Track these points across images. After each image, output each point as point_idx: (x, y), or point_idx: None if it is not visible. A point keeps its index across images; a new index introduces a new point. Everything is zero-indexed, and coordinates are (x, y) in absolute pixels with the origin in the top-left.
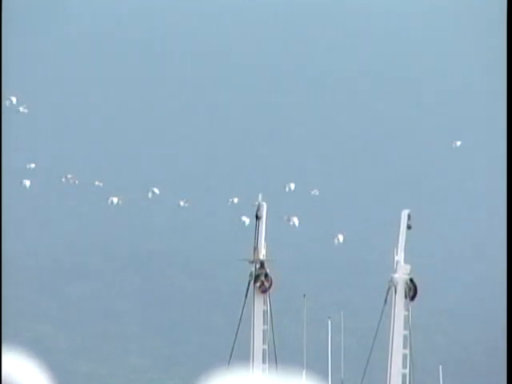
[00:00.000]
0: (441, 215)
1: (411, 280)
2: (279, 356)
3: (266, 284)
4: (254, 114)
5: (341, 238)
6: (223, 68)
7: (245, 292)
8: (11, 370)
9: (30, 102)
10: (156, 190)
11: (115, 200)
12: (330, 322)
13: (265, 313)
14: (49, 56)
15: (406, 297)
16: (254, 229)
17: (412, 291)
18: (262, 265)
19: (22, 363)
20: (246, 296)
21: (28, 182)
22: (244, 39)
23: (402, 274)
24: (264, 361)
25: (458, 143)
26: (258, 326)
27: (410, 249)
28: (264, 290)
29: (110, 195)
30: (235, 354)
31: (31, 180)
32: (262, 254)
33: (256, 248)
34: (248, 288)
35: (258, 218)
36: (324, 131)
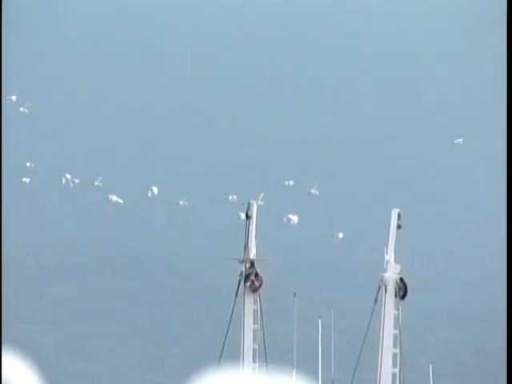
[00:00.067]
0: (440, 215)
1: (401, 279)
2: (269, 355)
3: (257, 283)
4: (254, 113)
5: (340, 235)
6: (223, 68)
7: (235, 291)
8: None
9: (30, 101)
10: (155, 188)
11: (113, 198)
12: (320, 322)
13: (255, 312)
14: (49, 56)
15: (396, 296)
16: (245, 228)
17: (402, 290)
18: (253, 264)
19: (9, 362)
20: (237, 295)
21: (27, 180)
22: (244, 39)
23: (392, 274)
24: (254, 360)
25: (459, 140)
26: (248, 326)
27: (403, 248)
28: (254, 290)
29: (106, 194)
30: (225, 353)
31: (30, 179)
32: (253, 253)
33: (246, 247)
34: (238, 287)
35: (248, 217)
36: (324, 131)
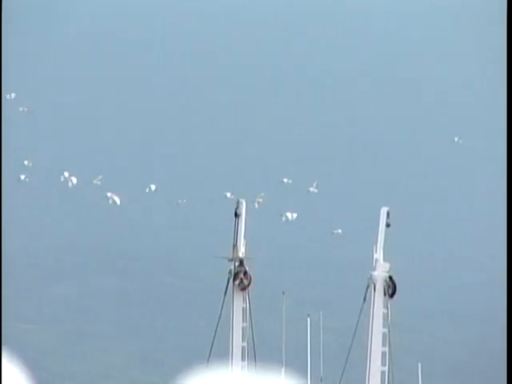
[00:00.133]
0: (440, 214)
1: (390, 278)
2: (258, 353)
3: (245, 281)
4: (254, 113)
5: (339, 231)
6: (223, 68)
7: (224, 290)
8: None
9: (30, 101)
10: (153, 186)
11: (112, 196)
12: (309, 320)
13: (244, 310)
14: (49, 56)
15: (385, 294)
16: (234, 226)
17: (391, 289)
18: (241, 262)
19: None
20: (226, 294)
21: (26, 178)
22: (244, 39)
23: (381, 272)
24: (243, 358)
25: (459, 138)
26: (237, 324)
27: (403, 247)
28: (243, 288)
29: (105, 193)
30: (214, 351)
31: (29, 177)
32: (241, 251)
33: (235, 246)
34: (227, 285)
35: (237, 215)
36: (323, 130)
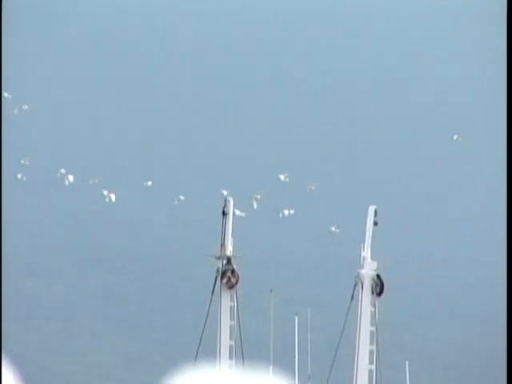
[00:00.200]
0: (439, 213)
1: (378, 276)
2: (246, 352)
3: (233, 280)
4: (253, 113)
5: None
6: (223, 68)
7: (212, 288)
8: None
9: (29, 101)
10: (149, 183)
11: (106, 193)
12: (296, 318)
13: (231, 309)
14: (49, 56)
15: (372, 293)
16: (221, 225)
17: (379, 287)
18: (229, 261)
19: None
20: (213, 292)
21: (19, 175)
22: (244, 39)
23: (368, 270)
24: (231, 357)
25: (458, 137)
26: (225, 322)
27: (402, 246)
28: (231, 286)
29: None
30: (202, 349)
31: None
32: (229, 250)
33: (223, 244)
34: (215, 284)
35: (224, 214)
36: (323, 130)
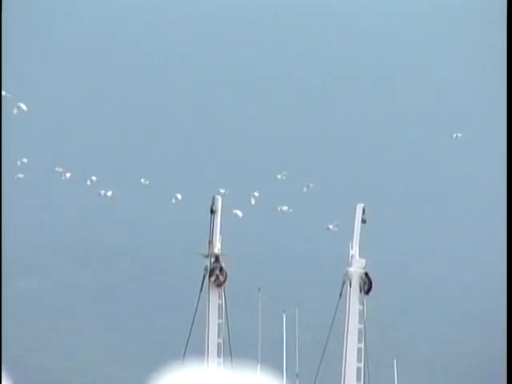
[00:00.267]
0: (437, 212)
1: (366, 274)
2: (234, 350)
3: (221, 278)
4: (253, 113)
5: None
6: (223, 68)
7: (200, 286)
8: None
9: (29, 101)
10: (143, 180)
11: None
12: (284, 316)
13: (220, 307)
14: (49, 56)
15: (360, 291)
16: (209, 223)
17: (367, 285)
18: (217, 259)
19: None
20: (201, 290)
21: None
22: (244, 39)
23: (356, 268)
24: (219, 355)
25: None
26: (213, 320)
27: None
28: (219, 284)
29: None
30: (190, 347)
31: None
32: (217, 247)
33: (211, 242)
34: (203, 282)
35: (212, 212)
36: (323, 129)
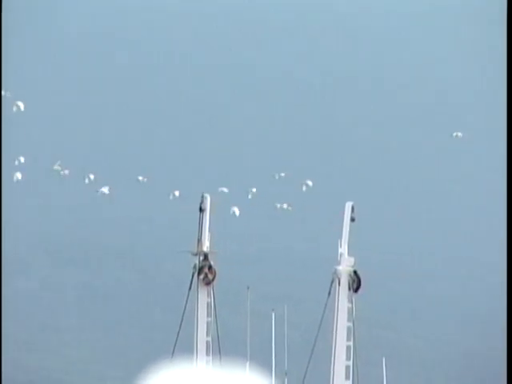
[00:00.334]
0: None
1: (355, 272)
2: (223, 348)
3: (210, 276)
4: (253, 113)
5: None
6: (223, 68)
7: (189, 284)
8: None
9: (29, 101)
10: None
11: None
12: (273, 315)
13: (208, 305)
14: (49, 56)
15: (349, 289)
16: (198, 221)
17: (356, 283)
18: (206, 257)
19: None
20: (190, 288)
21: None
22: (244, 39)
23: (345, 266)
24: (208, 353)
25: (459, 134)
26: (202, 318)
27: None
28: (208, 282)
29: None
30: (179, 346)
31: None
32: (206, 246)
33: (200, 240)
34: (192, 280)
35: (201, 210)
36: (323, 129)
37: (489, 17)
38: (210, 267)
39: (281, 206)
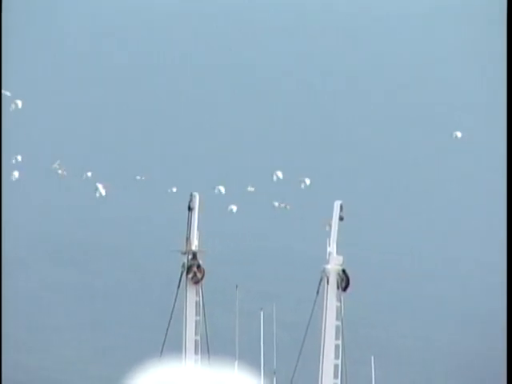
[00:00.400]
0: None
1: (343, 271)
2: (211, 347)
3: (199, 275)
4: (253, 113)
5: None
6: (223, 68)
7: (177, 283)
8: None
9: (29, 100)
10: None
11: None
12: (262, 313)
13: (197, 304)
14: (48, 56)
15: (338, 287)
16: (187, 220)
17: (344, 282)
18: (195, 256)
19: None
20: (179, 287)
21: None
22: (244, 39)
23: (334, 265)
24: (196, 352)
25: (459, 134)
26: (191, 317)
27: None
28: (196, 281)
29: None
30: (167, 345)
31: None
32: (195, 244)
33: (188, 239)
34: (180, 279)
35: (190, 209)
36: (322, 129)
37: (489, 17)
38: (198, 266)
39: (279, 205)
